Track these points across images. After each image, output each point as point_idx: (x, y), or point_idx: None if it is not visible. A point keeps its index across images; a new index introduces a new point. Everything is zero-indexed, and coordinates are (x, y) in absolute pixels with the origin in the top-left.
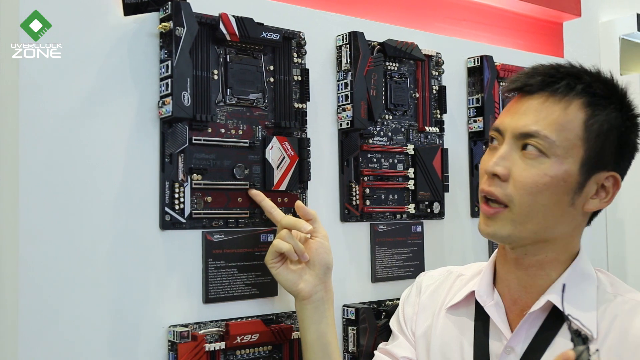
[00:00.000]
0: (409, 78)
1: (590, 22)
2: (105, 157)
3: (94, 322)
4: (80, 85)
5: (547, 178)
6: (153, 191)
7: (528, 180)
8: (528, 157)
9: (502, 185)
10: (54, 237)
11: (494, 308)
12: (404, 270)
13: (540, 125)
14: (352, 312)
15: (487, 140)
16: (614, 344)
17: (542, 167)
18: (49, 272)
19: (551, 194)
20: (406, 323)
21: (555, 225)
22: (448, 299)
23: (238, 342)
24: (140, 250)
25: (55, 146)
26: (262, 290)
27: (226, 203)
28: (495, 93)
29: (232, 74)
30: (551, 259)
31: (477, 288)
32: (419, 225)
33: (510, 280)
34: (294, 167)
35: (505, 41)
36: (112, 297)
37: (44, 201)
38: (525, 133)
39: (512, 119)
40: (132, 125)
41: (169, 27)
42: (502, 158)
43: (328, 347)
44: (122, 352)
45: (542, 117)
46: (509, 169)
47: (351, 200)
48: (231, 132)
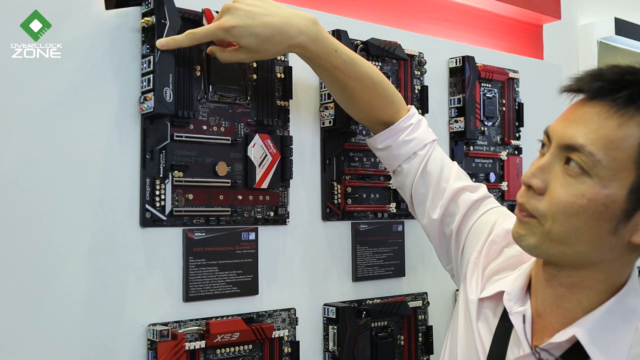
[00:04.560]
0: (391, 77)
1: (569, 25)
2: (85, 153)
3: (72, 321)
4: (59, 79)
5: (584, 200)
6: (133, 188)
7: (564, 200)
8: (568, 173)
9: (537, 198)
10: (31, 233)
11: (520, 317)
12: (385, 270)
13: (587, 139)
14: (333, 311)
15: (468, 141)
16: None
17: (582, 187)
18: (25, 270)
19: (588, 218)
20: (467, 227)
21: (590, 252)
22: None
23: (218, 341)
24: (120, 248)
25: (34, 141)
26: (243, 289)
27: (207, 200)
28: (477, 93)
29: (215, 70)
30: (585, 286)
31: (508, 289)
32: (400, 225)
33: (539, 292)
34: (276, 165)
35: (487, 42)
36: (90, 295)
37: (20, 197)
38: (570, 145)
39: (562, 126)
40: (113, 121)
41: (151, 22)
42: (542, 170)
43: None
44: (100, 351)
45: (592, 129)
46: (547, 183)
47: (333, 199)
48: (213, 129)
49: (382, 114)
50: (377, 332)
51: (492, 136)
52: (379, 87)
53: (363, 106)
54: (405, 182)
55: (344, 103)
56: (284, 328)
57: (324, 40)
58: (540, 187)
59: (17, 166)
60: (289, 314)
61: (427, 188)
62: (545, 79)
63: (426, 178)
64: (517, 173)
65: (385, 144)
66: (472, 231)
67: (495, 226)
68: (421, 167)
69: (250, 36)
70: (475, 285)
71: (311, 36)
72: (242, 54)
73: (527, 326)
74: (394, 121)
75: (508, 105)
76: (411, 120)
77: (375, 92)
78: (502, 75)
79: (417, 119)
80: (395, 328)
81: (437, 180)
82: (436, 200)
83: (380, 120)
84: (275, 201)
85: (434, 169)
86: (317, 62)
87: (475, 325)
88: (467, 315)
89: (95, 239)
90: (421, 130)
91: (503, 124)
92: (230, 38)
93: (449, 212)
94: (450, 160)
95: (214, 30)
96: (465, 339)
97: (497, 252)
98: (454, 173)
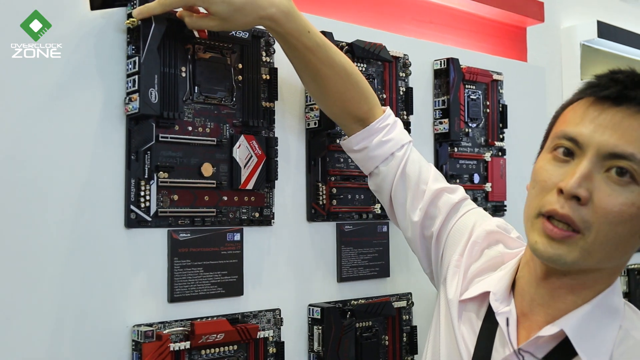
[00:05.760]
0: (376, 79)
1: (552, 27)
2: (70, 153)
3: (56, 322)
4: (45, 80)
5: (634, 209)
6: (118, 188)
7: (614, 209)
8: (613, 181)
9: (580, 209)
10: (16, 234)
11: (505, 317)
12: (370, 270)
13: (637, 148)
14: (318, 312)
15: (452, 142)
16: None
17: (631, 195)
18: (9, 271)
19: (632, 225)
20: (448, 226)
21: (620, 257)
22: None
23: (203, 341)
24: (105, 249)
25: (18, 142)
26: (228, 290)
27: (193, 201)
28: (461, 95)
29: (200, 71)
30: (587, 286)
31: (493, 289)
32: (385, 225)
33: (526, 292)
34: (261, 166)
35: (471, 44)
36: (75, 295)
37: (5, 197)
38: (618, 154)
39: (599, 134)
40: (98, 122)
41: (136, 23)
42: (585, 178)
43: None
44: (85, 352)
45: (638, 137)
46: (590, 192)
47: (318, 199)
48: (198, 130)
49: (355, 108)
50: (361, 332)
51: (476, 138)
52: (352, 77)
53: (336, 98)
54: (384, 185)
55: (316, 94)
56: (269, 328)
57: (296, 17)
58: (586, 197)
59: (1, 166)
60: (273, 314)
61: (406, 190)
62: (529, 81)
63: (405, 180)
64: (501, 174)
65: (361, 145)
66: (452, 233)
67: (475, 228)
68: (400, 168)
69: (222, 3)
70: (456, 287)
71: (282, 10)
72: (211, 21)
73: (511, 326)
74: (368, 119)
75: (492, 107)
76: (387, 121)
77: (348, 83)
78: (486, 77)
79: (392, 119)
80: (380, 328)
81: (416, 182)
82: (416, 202)
83: (355, 115)
84: (261, 202)
85: (412, 171)
86: (288, 40)
87: (457, 327)
88: (448, 317)
89: (80, 239)
90: (397, 131)
91: (487, 125)
92: (202, 4)
93: (429, 215)
94: (427, 161)
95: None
96: (448, 341)
97: (478, 253)
98: (432, 175)
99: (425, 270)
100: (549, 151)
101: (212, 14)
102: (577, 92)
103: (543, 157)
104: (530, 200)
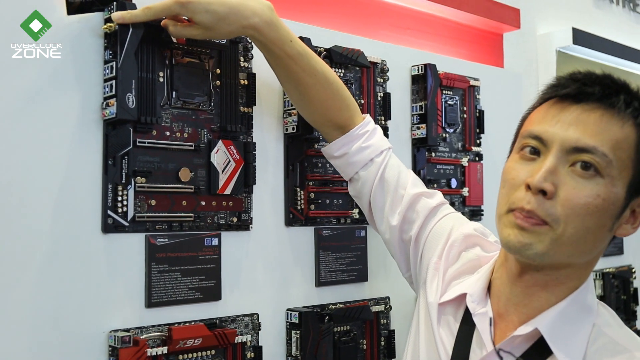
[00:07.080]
0: (354, 84)
1: (528, 34)
2: (46, 158)
3: (32, 327)
4: (20, 83)
5: (600, 200)
6: (95, 193)
7: (580, 201)
8: (579, 175)
9: (546, 203)
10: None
11: (483, 318)
12: (348, 275)
13: (598, 141)
14: (296, 316)
15: (429, 147)
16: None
17: (596, 187)
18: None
19: (599, 217)
20: (427, 229)
21: (590, 251)
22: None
23: (181, 346)
24: (82, 254)
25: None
26: (206, 295)
27: (170, 206)
28: (439, 101)
29: (178, 76)
30: (559, 282)
31: (470, 291)
32: (363, 230)
33: (502, 293)
34: (239, 171)
35: (448, 50)
36: (51, 300)
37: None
38: (581, 148)
39: (562, 130)
40: (75, 126)
41: (113, 28)
42: (550, 173)
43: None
44: (61, 357)
45: (599, 131)
46: (556, 186)
47: (296, 204)
48: (176, 135)
49: (336, 116)
50: (339, 336)
51: (454, 143)
52: (333, 86)
53: (317, 106)
54: (363, 190)
55: (298, 102)
56: (247, 333)
57: (279, 27)
58: (552, 191)
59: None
60: (251, 319)
61: (385, 195)
62: (506, 87)
63: (384, 185)
64: (478, 179)
65: (341, 151)
66: (430, 237)
67: (453, 231)
68: (379, 174)
69: (206, 13)
70: (435, 290)
71: (265, 20)
72: (194, 30)
73: (488, 327)
74: (349, 126)
75: (469, 113)
76: (367, 128)
77: (330, 91)
78: (463, 83)
79: (372, 126)
80: (358, 332)
81: (395, 187)
82: (395, 206)
83: (335, 123)
84: (239, 207)
85: (391, 176)
86: (270, 49)
87: (436, 330)
88: (428, 320)
89: (57, 244)
90: (377, 137)
91: (464, 130)
92: (186, 13)
93: (407, 219)
94: (406, 167)
95: (170, 5)
96: (427, 344)
97: (456, 256)
98: (411, 180)
99: (404, 274)
100: (517, 151)
101: (195, 23)
102: (539, 94)
103: (511, 158)
104: (500, 198)
